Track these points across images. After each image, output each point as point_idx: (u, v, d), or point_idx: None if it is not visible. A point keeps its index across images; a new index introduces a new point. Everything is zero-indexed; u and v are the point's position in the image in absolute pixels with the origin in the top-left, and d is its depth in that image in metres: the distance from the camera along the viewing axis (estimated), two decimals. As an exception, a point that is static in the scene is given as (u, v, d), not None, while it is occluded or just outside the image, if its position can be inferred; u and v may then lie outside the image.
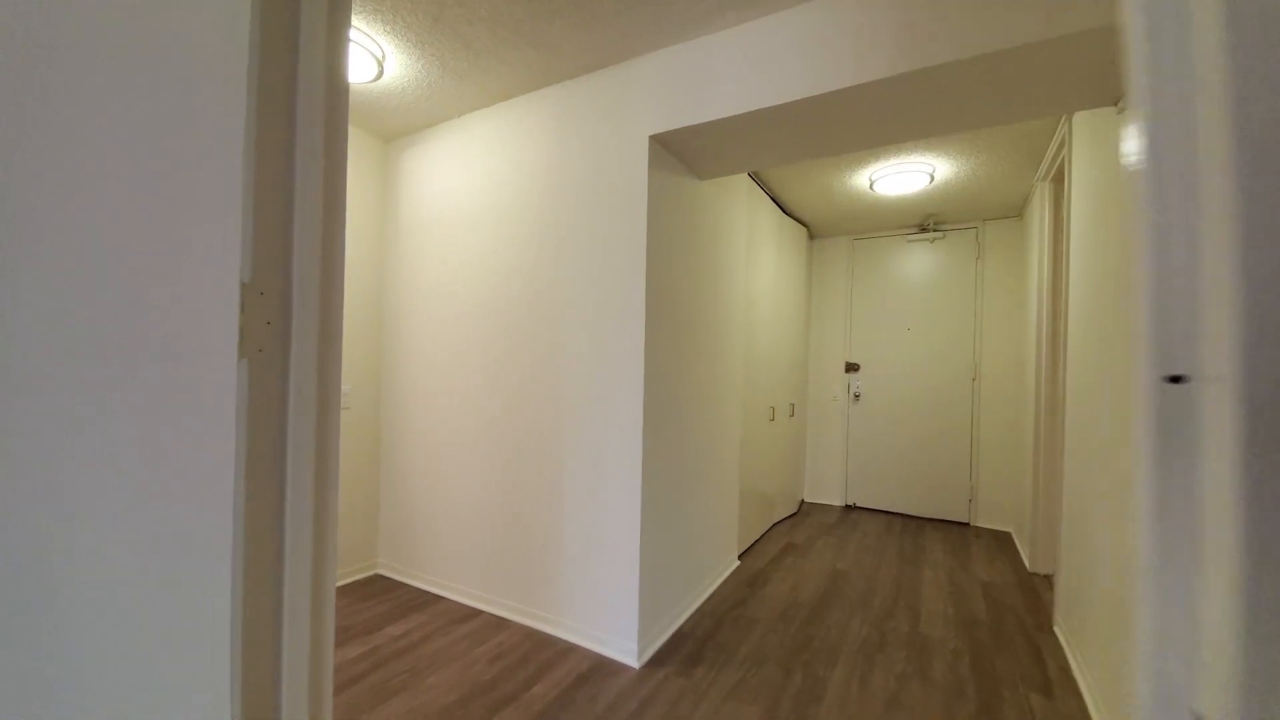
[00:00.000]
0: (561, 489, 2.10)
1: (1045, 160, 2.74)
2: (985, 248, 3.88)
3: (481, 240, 2.35)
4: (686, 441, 2.28)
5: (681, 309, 2.21)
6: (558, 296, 2.11)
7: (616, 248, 1.98)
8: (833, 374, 4.39)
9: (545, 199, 2.16)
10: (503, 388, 2.26)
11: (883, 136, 1.91)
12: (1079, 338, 2.10)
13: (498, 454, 2.28)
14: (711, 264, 2.49)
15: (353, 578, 2.63)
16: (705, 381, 2.46)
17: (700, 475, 2.43)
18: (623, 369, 1.96)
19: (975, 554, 3.25)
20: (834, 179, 3.12)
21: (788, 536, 3.50)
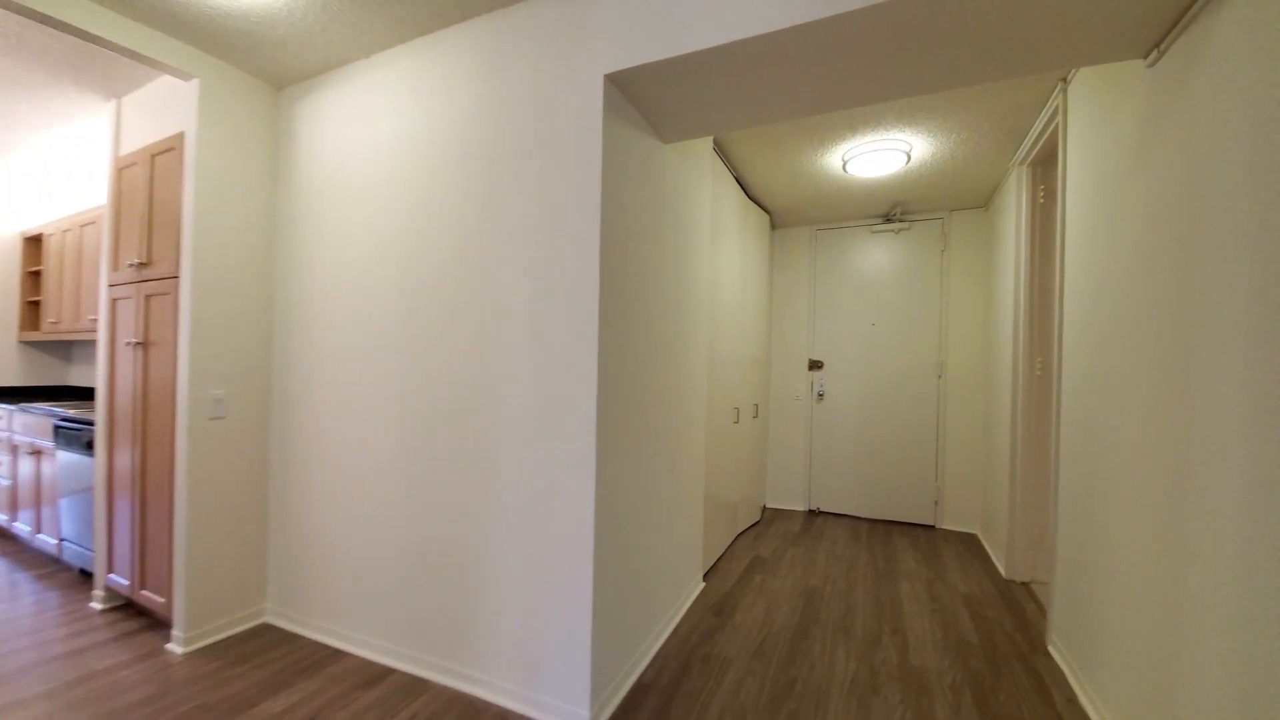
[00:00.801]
0: (496, 515, 1.69)
1: (1027, 140, 2.56)
2: (950, 239, 3.73)
3: (397, 210, 1.89)
4: (647, 451, 1.92)
5: (641, 297, 1.84)
6: (492, 278, 1.70)
7: (564, 219, 1.59)
8: (796, 372, 4.15)
9: (476, 158, 1.73)
10: (424, 391, 1.82)
11: (888, 85, 1.60)
12: (1082, 329, 1.89)
13: (416, 473, 1.83)
14: (675, 246, 2.14)
15: (231, 630, 2.10)
16: (668, 382, 2.10)
17: (662, 489, 2.07)
18: (571, 367, 1.57)
19: (948, 561, 3.07)
20: (805, 158, 2.84)
21: (753, 549, 3.20)
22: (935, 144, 2.65)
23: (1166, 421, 1.30)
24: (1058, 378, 2.10)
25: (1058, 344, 2.11)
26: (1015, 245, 2.82)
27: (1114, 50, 1.44)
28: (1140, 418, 1.44)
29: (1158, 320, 1.35)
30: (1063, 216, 2.10)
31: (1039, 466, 2.76)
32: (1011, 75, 1.55)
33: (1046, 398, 2.75)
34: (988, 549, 3.28)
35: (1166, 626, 1.29)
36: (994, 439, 3.24)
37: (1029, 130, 2.49)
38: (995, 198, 3.38)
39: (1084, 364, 1.86)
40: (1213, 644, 1.11)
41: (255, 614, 2.18)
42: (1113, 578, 1.60)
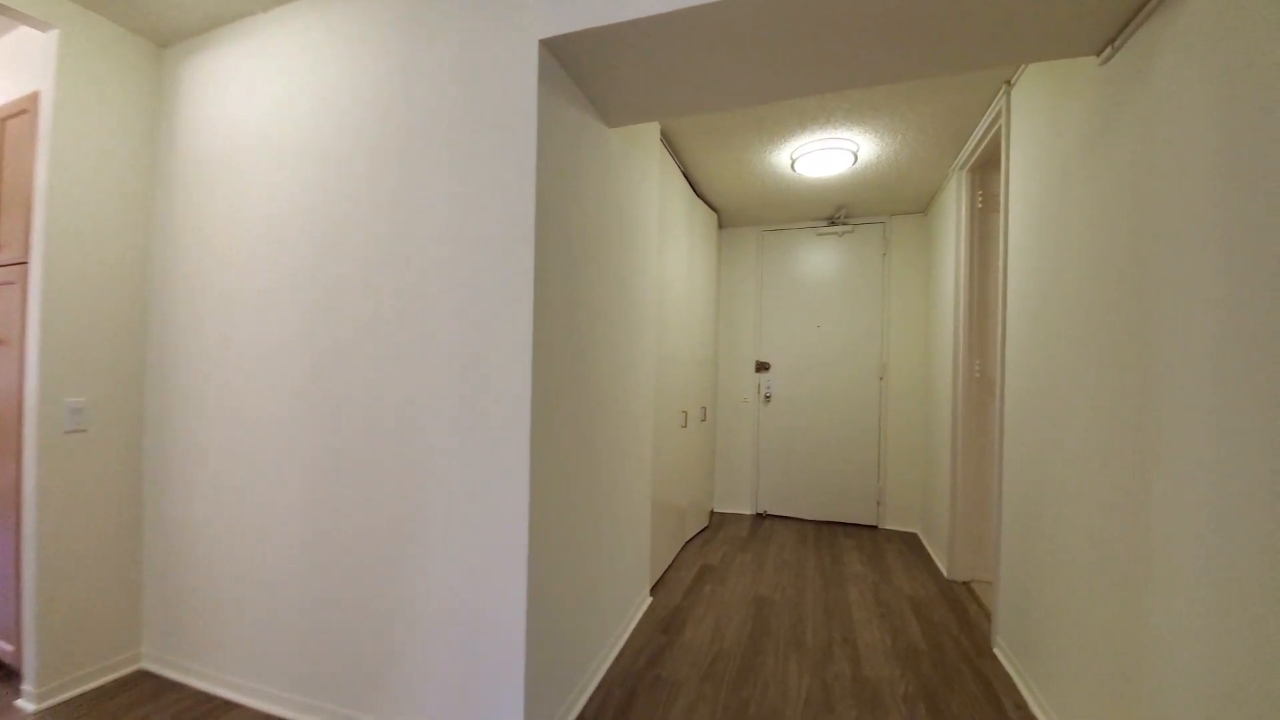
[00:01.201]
0: (414, 535, 1.48)
1: (968, 145, 2.59)
2: (891, 243, 3.79)
3: (300, 189, 1.64)
4: (590, 463, 1.76)
5: (584, 295, 1.68)
6: (409, 270, 1.49)
7: (494, 205, 1.41)
8: (743, 374, 4.10)
9: (392, 131, 1.52)
10: (329, 395, 1.59)
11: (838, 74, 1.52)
12: (1026, 332, 1.89)
13: (321, 489, 1.59)
14: (621, 240, 2.00)
15: (99, 680, 1.78)
16: (614, 387, 1.95)
17: (607, 503, 1.92)
18: (501, 375, 1.39)
19: (891, 562, 3.08)
20: (754, 154, 2.77)
21: (701, 557, 3.11)
22: (881, 145, 2.64)
23: (1125, 422, 1.27)
24: (1001, 380, 2.11)
25: (1000, 347, 2.12)
26: (955, 250, 2.86)
27: (1066, 46, 1.41)
28: (1094, 418, 1.42)
29: (1112, 320, 1.33)
30: (1005, 219, 2.12)
31: (978, 468, 2.81)
32: (963, 69, 1.51)
33: (986, 400, 2.80)
34: (928, 548, 3.33)
35: (1124, 629, 1.26)
36: (933, 440, 3.29)
37: (970, 134, 2.52)
38: (933, 203, 3.45)
39: (1028, 366, 1.86)
40: (1180, 647, 1.07)
41: (129, 660, 1.86)
42: (1061, 580, 1.58)
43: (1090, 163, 1.46)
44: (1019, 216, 1.98)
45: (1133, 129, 1.26)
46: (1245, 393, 0.92)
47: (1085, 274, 1.48)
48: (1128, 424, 1.25)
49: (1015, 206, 2.02)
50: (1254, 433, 0.90)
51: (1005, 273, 2.10)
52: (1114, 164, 1.34)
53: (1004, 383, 2.09)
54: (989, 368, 2.80)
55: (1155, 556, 1.14)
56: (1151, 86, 1.19)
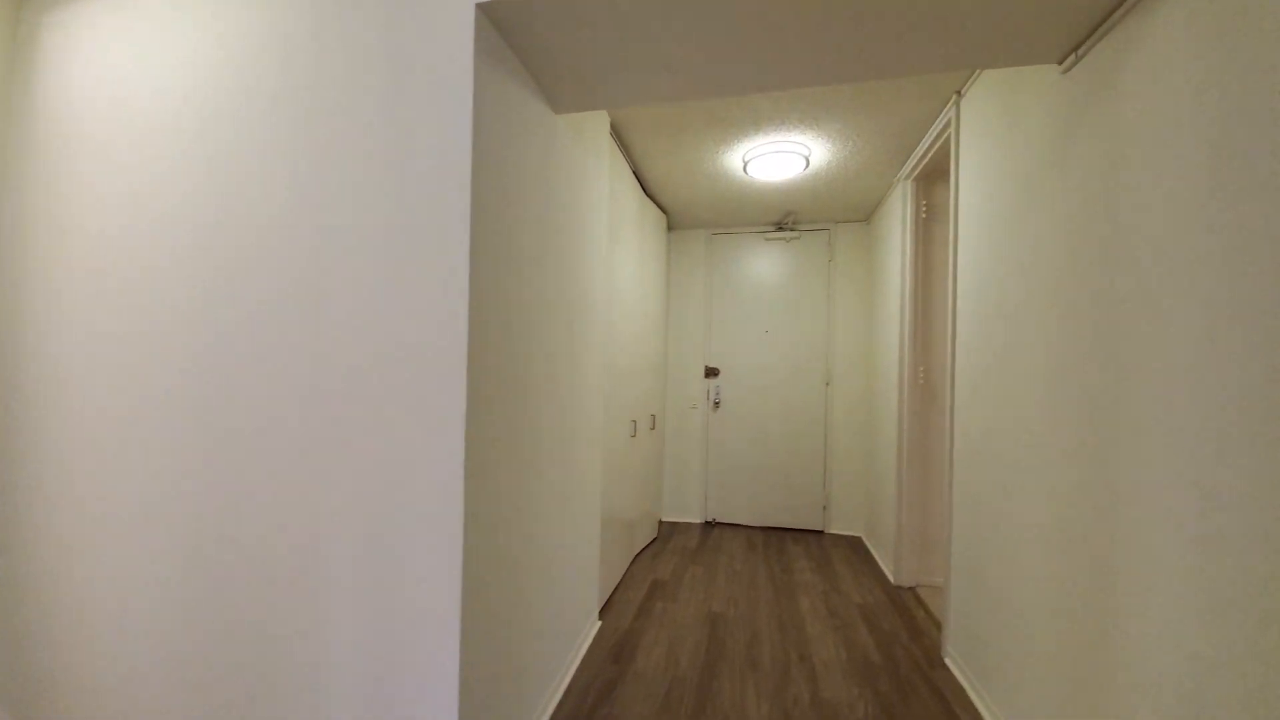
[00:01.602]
0: (322, 574, 1.25)
1: (914, 155, 2.61)
2: (836, 251, 3.83)
3: (186, 163, 1.37)
4: (534, 478, 1.58)
5: (528, 291, 1.51)
6: (320, 260, 1.27)
7: (422, 185, 1.21)
8: (692, 379, 4.02)
9: (300, 101, 1.29)
10: (220, 406, 1.33)
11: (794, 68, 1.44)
12: (977, 339, 1.89)
13: (207, 518, 1.33)
14: (570, 237, 1.84)
15: (-95, 773, 1.42)
16: (560, 395, 1.79)
17: (553, 526, 1.75)
18: (431, 375, 1.20)
19: (839, 568, 3.08)
20: (707, 153, 2.68)
21: (652, 571, 2.98)
22: (832, 150, 2.62)
23: (1090, 427, 1.25)
24: (951, 388, 2.11)
25: (950, 355, 2.12)
26: (900, 258, 2.90)
27: (1028, 54, 1.39)
28: (1055, 424, 1.40)
29: (1077, 325, 1.31)
30: (955, 229, 2.12)
31: (923, 473, 2.85)
32: (922, 71, 1.46)
33: (930, 407, 2.85)
34: (873, 552, 3.36)
35: (1088, 634, 1.23)
36: (877, 445, 3.33)
37: (917, 144, 2.54)
38: (876, 212, 3.50)
39: (980, 374, 1.85)
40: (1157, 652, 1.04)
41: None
42: (1016, 586, 1.57)
43: (1050, 173, 1.45)
44: (970, 225, 1.99)
45: (1099, 138, 1.25)
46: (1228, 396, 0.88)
47: (1045, 283, 1.47)
48: (1093, 430, 1.23)
49: (966, 216, 2.03)
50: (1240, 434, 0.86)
51: (955, 282, 2.11)
52: (1078, 174, 1.33)
53: (954, 390, 2.09)
54: (933, 375, 2.84)
55: (1125, 556, 1.11)
56: (1121, 95, 1.18)
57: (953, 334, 2.12)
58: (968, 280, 2.00)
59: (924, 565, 2.84)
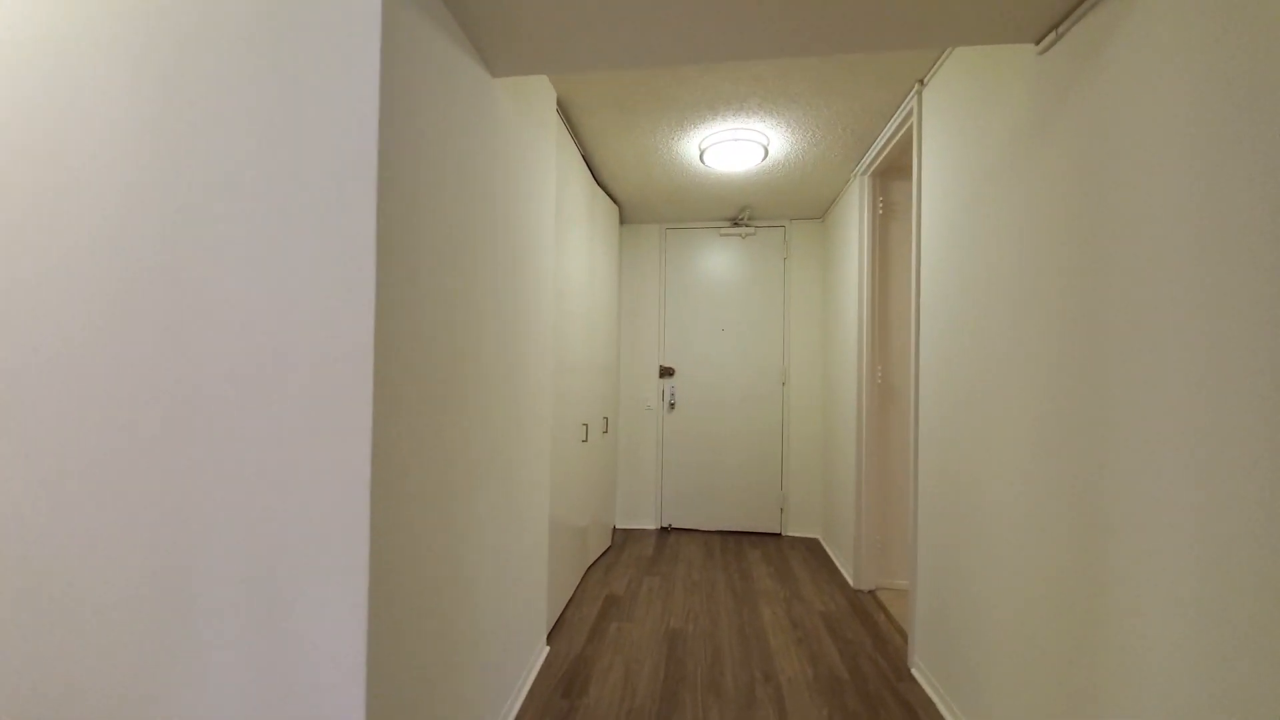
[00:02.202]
0: (193, 617, 1.00)
1: (873, 149, 2.55)
2: (791, 248, 3.76)
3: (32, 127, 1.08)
4: (469, 496, 1.37)
5: (460, 290, 1.30)
6: (184, 243, 1.01)
7: (313, 162, 0.98)
8: (647, 379, 3.87)
9: (155, 45, 1.03)
10: (87, 411, 1.05)
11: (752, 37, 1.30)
12: (942, 337, 1.82)
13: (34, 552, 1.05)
14: (513, 223, 1.63)
15: None
16: (501, 401, 1.58)
17: (492, 542, 1.54)
18: (328, 387, 0.97)
19: (799, 573, 3.00)
20: (661, 139, 2.53)
21: (606, 584, 2.80)
22: (791, 140, 2.52)
23: (1072, 420, 1.17)
24: (915, 386, 2.04)
25: (914, 353, 2.05)
26: (858, 256, 2.84)
27: (1003, 32, 1.30)
28: (1031, 418, 1.32)
29: (1053, 320, 1.23)
30: (918, 224, 2.05)
31: (881, 474, 2.80)
32: (892, 45, 1.36)
33: (888, 405, 2.80)
34: (831, 555, 3.31)
35: (1073, 640, 1.15)
36: (834, 446, 3.28)
37: (876, 137, 2.47)
38: (832, 209, 3.46)
39: (947, 371, 1.78)
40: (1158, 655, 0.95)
41: None
42: (989, 589, 1.49)
43: (1024, 162, 1.37)
44: (933, 220, 1.92)
45: (1079, 123, 1.16)
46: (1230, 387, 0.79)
47: (1018, 278, 1.38)
48: (1071, 424, 1.14)
49: (929, 210, 1.96)
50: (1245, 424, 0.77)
51: (918, 279, 2.04)
52: (1056, 162, 1.24)
53: (918, 389, 2.02)
54: (891, 374, 2.80)
55: (1112, 555, 1.03)
56: (1104, 77, 1.09)
57: (916, 332, 2.05)
58: (932, 277, 1.92)
59: (884, 568, 2.79)
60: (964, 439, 1.66)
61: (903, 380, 2.78)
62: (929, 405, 1.92)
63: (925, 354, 1.97)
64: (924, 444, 1.96)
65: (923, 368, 1.99)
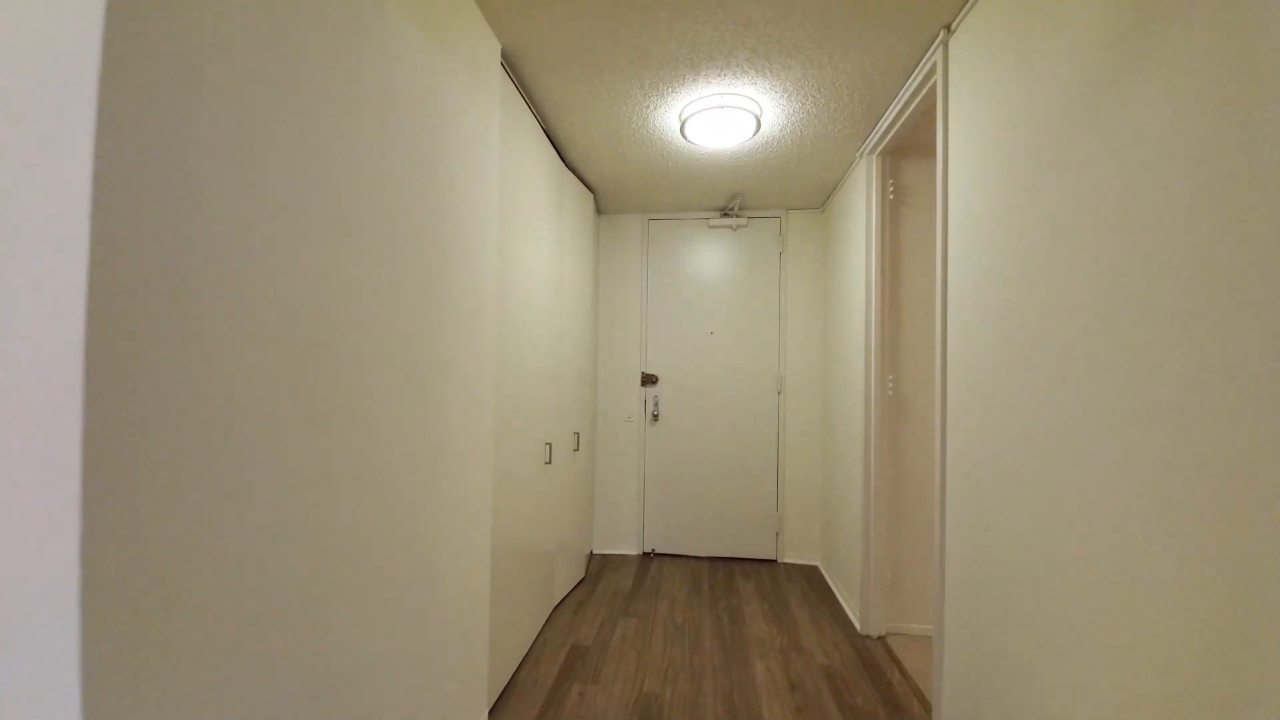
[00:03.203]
0: None
1: (883, 120, 2.17)
2: (788, 241, 3.38)
3: None
4: (328, 555, 0.98)
5: (306, 276, 0.91)
6: None
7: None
8: (627, 388, 3.47)
9: None
10: None
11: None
12: (980, 341, 1.44)
13: None
14: (424, 203, 1.24)
15: None
16: (406, 423, 1.19)
17: (403, 611, 1.15)
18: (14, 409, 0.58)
19: (797, 612, 2.61)
20: (634, 107, 2.14)
21: (573, 631, 2.40)
22: (788, 108, 2.13)
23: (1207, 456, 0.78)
24: (941, 399, 1.66)
25: (939, 360, 1.67)
26: (864, 249, 2.46)
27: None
28: (1107, 439, 0.93)
29: (1142, 326, 0.85)
30: (943, 206, 1.67)
31: (893, 498, 2.41)
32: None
33: (901, 420, 2.42)
34: (832, 587, 2.92)
35: None
36: (837, 464, 2.90)
37: (887, 106, 2.09)
38: (833, 197, 3.08)
39: (984, 384, 1.40)
40: None
41: None
42: (1058, 656, 1.11)
43: (1106, 115, 0.99)
44: (967, 201, 1.54)
45: (1187, 68, 0.78)
46: None
47: (1090, 274, 1.00)
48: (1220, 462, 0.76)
49: (960, 188, 1.58)
50: None
51: (944, 273, 1.66)
52: (1148, 123, 0.86)
53: (945, 402, 1.64)
54: (905, 385, 2.42)
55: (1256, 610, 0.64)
56: None
57: (942, 337, 1.66)
58: (964, 271, 1.54)
59: (896, 609, 2.40)
60: (1016, 465, 1.27)
61: (918, 391, 2.40)
62: (960, 420, 1.54)
63: (955, 363, 1.59)
64: (954, 466, 1.58)
65: (952, 378, 1.61)
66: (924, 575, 2.38)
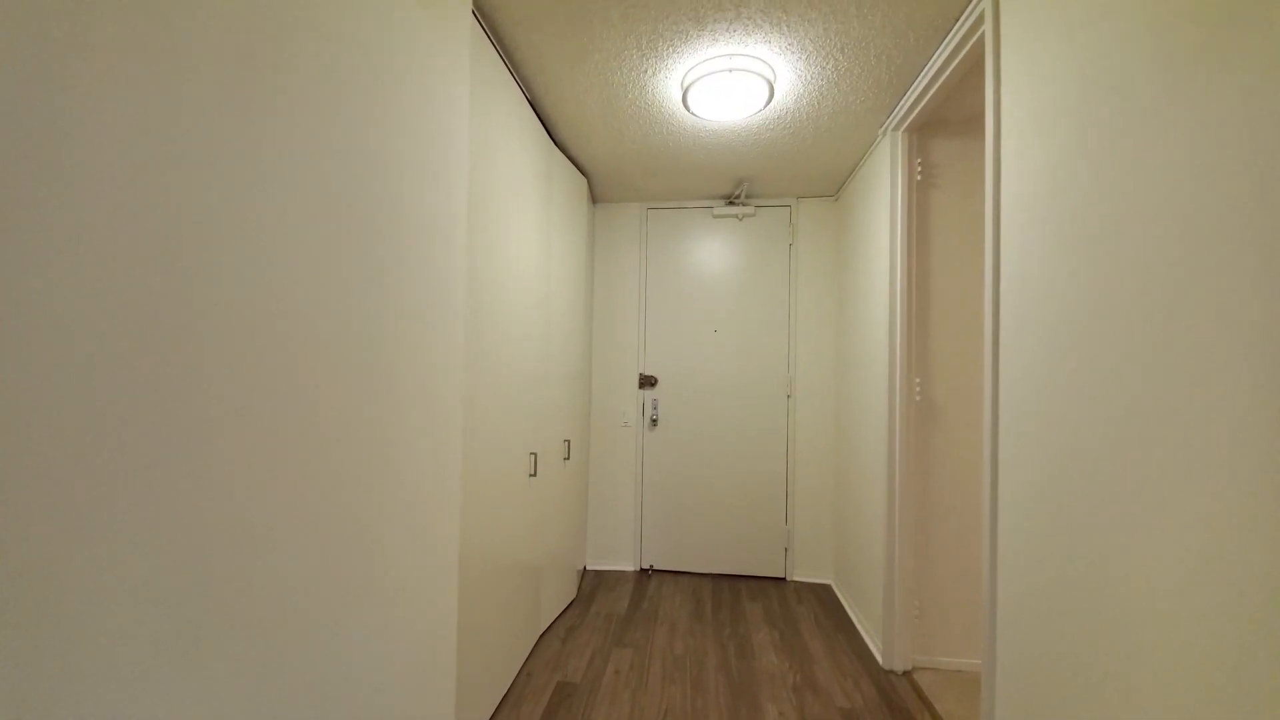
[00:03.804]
0: None
1: (913, 88, 1.91)
2: (799, 232, 3.12)
3: None
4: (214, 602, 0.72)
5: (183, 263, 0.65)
6: None
7: None
8: (623, 391, 3.21)
9: None
10: None
11: None
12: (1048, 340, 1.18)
13: None
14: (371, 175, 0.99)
15: None
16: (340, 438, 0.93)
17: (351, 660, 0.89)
18: None
19: (810, 640, 2.35)
20: (630, 71, 1.88)
21: (560, 665, 2.14)
22: (805, 75, 1.88)
23: None
24: (992, 398, 1.40)
25: (991, 361, 1.41)
26: (889, 236, 2.20)
27: None
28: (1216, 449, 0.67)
29: None
30: (995, 180, 1.41)
31: (920, 515, 2.15)
32: None
33: (931, 427, 2.16)
34: (847, 608, 2.66)
35: None
36: (853, 474, 2.63)
37: (921, 70, 1.83)
38: (850, 183, 2.82)
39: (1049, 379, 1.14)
40: None
41: None
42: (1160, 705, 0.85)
43: (1187, 88, 0.73)
44: (1029, 175, 1.28)
45: None
46: None
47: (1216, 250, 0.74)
48: None
49: (1015, 163, 1.32)
50: None
51: (996, 260, 1.40)
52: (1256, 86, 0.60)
53: (997, 406, 1.38)
54: (934, 388, 2.16)
55: None
56: None
57: (993, 333, 1.40)
58: (1019, 258, 1.28)
59: (924, 639, 2.14)
60: (1103, 474, 1.01)
61: (950, 395, 2.14)
62: (1019, 425, 1.28)
63: (1012, 361, 1.33)
64: (1009, 476, 1.32)
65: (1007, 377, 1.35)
66: (958, 601, 2.12)
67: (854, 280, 2.72)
